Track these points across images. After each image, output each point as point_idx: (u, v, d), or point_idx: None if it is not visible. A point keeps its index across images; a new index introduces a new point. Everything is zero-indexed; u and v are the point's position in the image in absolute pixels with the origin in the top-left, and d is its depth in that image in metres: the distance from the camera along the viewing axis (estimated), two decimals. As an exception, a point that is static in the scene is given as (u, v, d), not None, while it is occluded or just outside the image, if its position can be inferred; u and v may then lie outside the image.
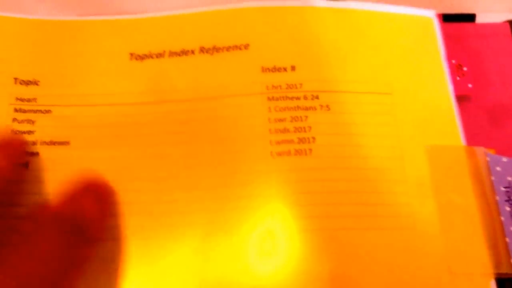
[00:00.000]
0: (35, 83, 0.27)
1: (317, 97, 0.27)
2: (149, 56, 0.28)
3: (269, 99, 0.27)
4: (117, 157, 0.26)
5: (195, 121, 0.27)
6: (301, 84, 0.28)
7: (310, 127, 0.27)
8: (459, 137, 0.27)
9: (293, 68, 0.28)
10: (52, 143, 0.26)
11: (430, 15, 0.30)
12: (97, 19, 0.29)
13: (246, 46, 0.28)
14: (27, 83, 0.27)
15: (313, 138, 0.26)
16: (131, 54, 0.28)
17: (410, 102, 0.28)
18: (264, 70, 0.28)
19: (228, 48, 0.28)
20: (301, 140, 0.26)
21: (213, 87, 0.28)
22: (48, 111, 0.27)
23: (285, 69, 0.28)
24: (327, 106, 0.27)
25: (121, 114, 0.27)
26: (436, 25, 0.30)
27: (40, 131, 0.26)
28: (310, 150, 0.26)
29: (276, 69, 0.28)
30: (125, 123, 0.27)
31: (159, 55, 0.28)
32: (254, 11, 0.29)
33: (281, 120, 0.27)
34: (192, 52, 0.28)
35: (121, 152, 0.26)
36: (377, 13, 0.30)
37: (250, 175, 0.26)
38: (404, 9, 0.30)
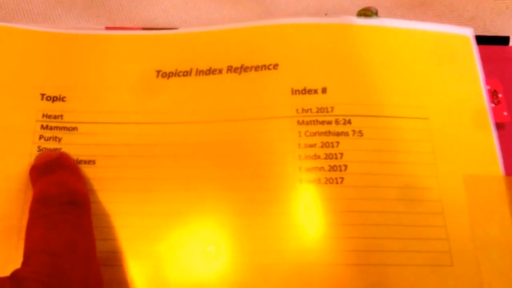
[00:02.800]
0: (62, 99, 0.27)
1: (349, 122, 0.26)
2: (175, 74, 0.28)
3: (299, 123, 0.26)
4: (143, 178, 0.26)
5: (221, 144, 0.26)
6: (332, 108, 0.26)
7: (341, 154, 0.26)
8: (498, 167, 0.26)
9: (324, 90, 0.27)
10: (78, 162, 0.26)
11: (468, 33, 0.29)
12: (125, 33, 0.29)
13: (275, 66, 0.27)
14: (53, 99, 0.27)
15: (345, 166, 0.25)
16: (158, 72, 0.28)
17: (447, 128, 0.27)
18: (294, 92, 0.27)
19: (256, 68, 0.27)
20: (332, 168, 0.25)
21: (241, 108, 0.27)
22: (74, 129, 0.26)
23: (315, 91, 0.27)
24: (360, 131, 0.26)
25: (147, 134, 0.26)
26: (473, 45, 0.29)
27: (66, 149, 0.26)
28: (342, 179, 0.25)
29: (306, 91, 0.27)
30: (151, 143, 0.26)
31: (186, 73, 0.28)
32: (284, 29, 0.28)
33: (311, 145, 0.26)
34: (220, 71, 0.28)
35: (147, 173, 0.26)
36: (413, 31, 0.29)
37: (278, 203, 0.25)
38: (441, 27, 0.29)
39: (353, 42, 0.28)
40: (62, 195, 0.23)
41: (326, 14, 0.32)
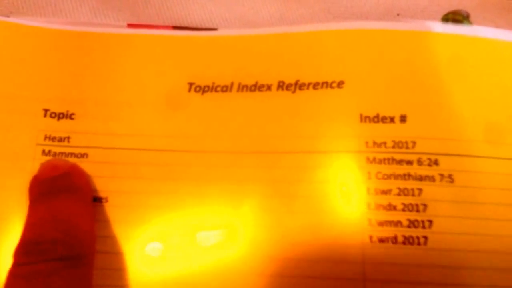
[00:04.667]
0: (69, 116, 0.22)
1: (436, 163, 0.20)
2: (212, 88, 0.22)
3: (369, 161, 0.20)
4: (168, 223, 0.20)
5: (266, 183, 0.20)
6: (414, 143, 0.20)
7: (425, 206, 0.20)
8: None
9: (403, 118, 0.21)
10: (86, 199, 0.20)
11: None
12: (151, 33, 0.23)
13: (340, 84, 0.21)
14: (59, 116, 0.21)
15: (429, 221, 0.19)
16: (190, 84, 0.22)
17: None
18: (364, 119, 0.21)
19: (315, 85, 0.21)
20: (412, 223, 0.19)
21: (294, 137, 0.21)
22: (83, 155, 0.21)
23: (392, 120, 0.21)
24: (450, 176, 0.20)
25: (175, 164, 0.21)
26: None
27: (72, 182, 0.21)
28: (425, 239, 0.19)
29: (379, 119, 0.21)
30: (179, 177, 0.21)
31: (225, 88, 0.22)
32: (351, 35, 0.22)
33: (384, 192, 0.20)
34: (268, 87, 0.22)
35: (173, 214, 0.20)
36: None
37: (344, 266, 0.19)
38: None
39: (440, 56, 0.21)
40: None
41: (398, 15, 0.26)
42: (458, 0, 0.26)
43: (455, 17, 0.23)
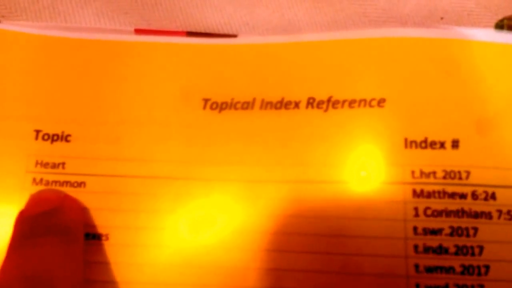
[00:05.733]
0: (65, 138, 0.19)
1: (493, 197, 0.17)
2: (231, 105, 0.19)
3: (415, 194, 0.17)
4: (182, 263, 0.17)
5: (296, 220, 0.17)
6: (468, 173, 0.17)
7: (481, 248, 0.17)
8: None
9: (455, 143, 0.18)
10: (84, 236, 0.18)
11: None
12: (162, 41, 0.20)
13: (381, 103, 0.18)
14: (53, 138, 0.19)
15: (486, 267, 0.16)
16: (206, 100, 0.19)
17: None
18: (409, 144, 0.18)
19: (351, 103, 0.18)
20: (467, 269, 0.16)
21: (326, 164, 0.18)
22: (80, 184, 0.18)
23: (442, 145, 0.18)
24: (509, 213, 0.17)
25: (188, 194, 0.18)
26: None
27: (67, 215, 0.18)
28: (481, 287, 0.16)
29: (428, 144, 0.18)
30: (194, 210, 0.18)
31: (247, 105, 0.19)
32: (394, 45, 0.19)
33: (434, 231, 0.17)
34: (296, 104, 0.19)
35: (185, 253, 0.17)
36: None
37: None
38: None
39: (498, 70, 0.18)
40: None
41: (442, 18, 0.23)
42: (509, 1, 0.23)
43: (511, 22, 0.20)
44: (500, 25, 0.20)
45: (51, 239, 0.16)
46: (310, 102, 0.19)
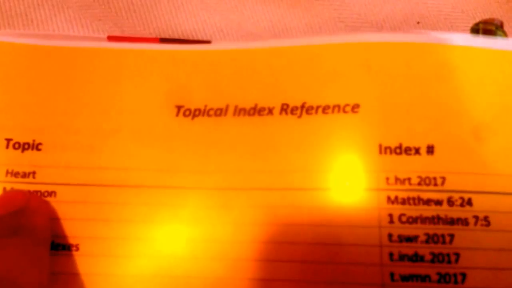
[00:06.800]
0: (36, 147, 0.18)
1: (469, 203, 0.17)
2: (204, 112, 0.19)
3: (390, 201, 0.17)
4: (153, 274, 0.17)
5: (268, 225, 0.17)
6: (443, 179, 0.17)
7: (457, 255, 0.16)
8: None
9: (430, 149, 0.17)
10: (54, 246, 0.17)
11: None
12: (135, 47, 0.20)
13: (355, 108, 0.18)
14: (24, 147, 0.18)
15: (463, 275, 0.16)
16: (179, 107, 0.19)
17: None
18: (384, 150, 0.17)
19: (325, 109, 0.18)
20: (443, 278, 0.16)
21: (300, 170, 0.18)
22: (51, 194, 0.18)
23: (417, 151, 0.17)
24: (486, 218, 0.17)
25: (159, 203, 0.18)
26: None
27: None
28: (458, 297, 0.16)
29: (403, 150, 0.17)
30: (167, 220, 0.18)
31: (220, 112, 0.19)
32: (367, 49, 0.19)
33: (409, 238, 0.17)
34: (270, 111, 0.18)
35: (158, 264, 0.17)
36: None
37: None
38: None
39: (472, 74, 0.18)
40: None
41: (418, 23, 0.22)
42: (485, 5, 0.23)
43: (487, 27, 0.20)
44: (476, 29, 0.20)
45: (16, 241, 0.16)
46: (284, 109, 0.18)
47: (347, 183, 0.17)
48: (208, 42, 0.20)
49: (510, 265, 0.16)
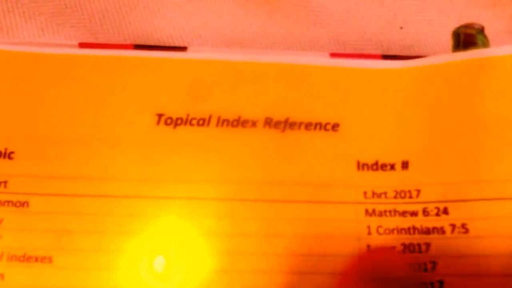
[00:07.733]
0: (8, 155, 0.18)
1: (445, 212, 0.18)
2: (186, 121, 0.19)
3: (368, 213, 0.18)
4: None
5: (247, 236, 0.17)
6: (418, 191, 0.18)
7: (434, 264, 0.17)
8: None
9: (405, 164, 0.18)
10: (26, 258, 0.16)
11: None
12: (108, 54, 0.19)
13: (335, 127, 0.19)
14: (-6, 154, 0.17)
15: (440, 282, 0.17)
16: (159, 116, 0.19)
17: None
18: (361, 166, 0.18)
19: (307, 126, 0.19)
20: (420, 286, 0.17)
21: (281, 183, 0.18)
22: (23, 204, 0.17)
23: (392, 167, 0.18)
24: (464, 225, 0.17)
25: (138, 214, 0.17)
26: None
27: (8, 238, 0.17)
28: (434, 305, 0.17)
29: (379, 167, 0.18)
30: (145, 230, 0.17)
31: (202, 122, 0.19)
32: (347, 74, 0.19)
33: (387, 249, 0.17)
34: (253, 123, 0.19)
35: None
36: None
37: None
38: None
39: (447, 86, 0.19)
40: None
41: (401, 28, 0.23)
42: (470, 10, 0.23)
43: (467, 31, 0.21)
44: (457, 33, 0.20)
45: None
46: (268, 122, 0.19)
47: (327, 197, 0.18)
48: (184, 48, 0.20)
49: (490, 270, 0.17)
